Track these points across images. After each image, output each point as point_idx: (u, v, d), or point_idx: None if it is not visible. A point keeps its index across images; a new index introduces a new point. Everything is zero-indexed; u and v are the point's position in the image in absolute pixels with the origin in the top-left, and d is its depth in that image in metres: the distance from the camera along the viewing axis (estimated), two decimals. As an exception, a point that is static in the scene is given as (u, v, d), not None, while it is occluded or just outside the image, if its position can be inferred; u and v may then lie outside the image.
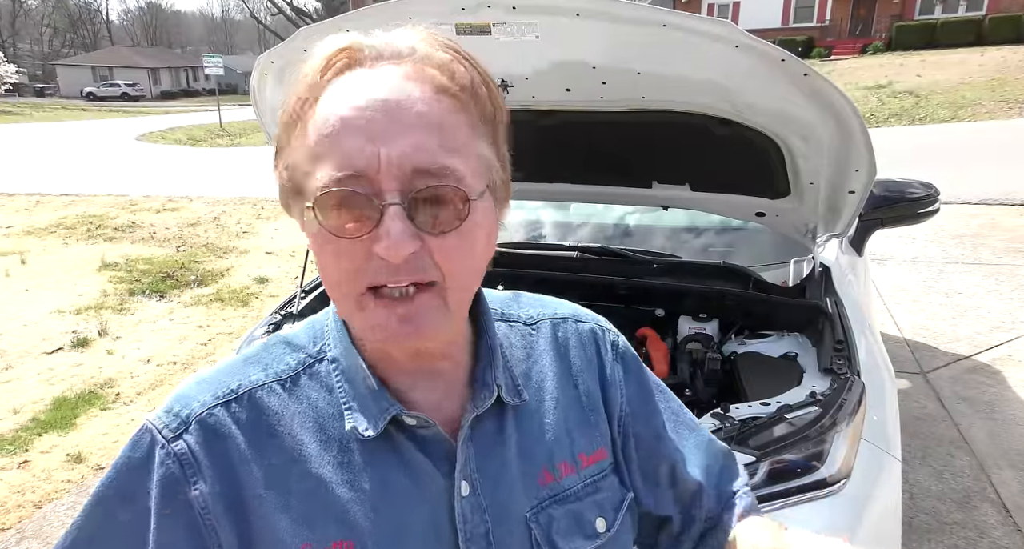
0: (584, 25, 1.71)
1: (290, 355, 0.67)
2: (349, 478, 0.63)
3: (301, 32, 2.14)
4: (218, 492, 0.60)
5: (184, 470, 0.61)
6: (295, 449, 0.63)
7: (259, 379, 0.65)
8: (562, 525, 0.69)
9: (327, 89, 0.58)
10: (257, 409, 0.64)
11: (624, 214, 3.22)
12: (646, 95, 1.92)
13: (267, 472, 0.62)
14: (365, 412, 0.64)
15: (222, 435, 0.62)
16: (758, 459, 1.60)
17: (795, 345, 2.19)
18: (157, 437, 0.62)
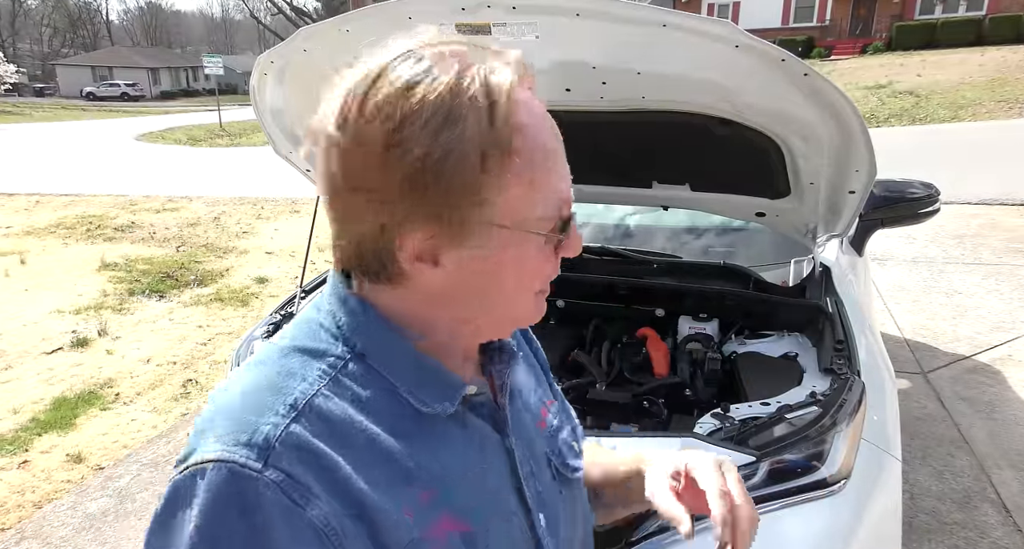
0: (584, 25, 1.71)
1: (317, 361, 0.66)
2: (427, 454, 0.66)
3: (301, 32, 2.14)
4: (333, 506, 0.58)
5: (292, 497, 0.57)
6: (373, 443, 0.63)
7: (307, 388, 0.63)
8: (564, 451, 0.83)
9: (516, 112, 0.61)
10: (322, 416, 0.62)
11: (624, 214, 3.22)
12: (646, 95, 1.92)
13: (360, 472, 0.61)
14: (433, 394, 0.68)
15: (308, 450, 0.59)
16: (758, 459, 1.60)
17: (795, 345, 2.19)
18: (245, 473, 0.57)
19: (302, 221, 8.83)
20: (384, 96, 0.59)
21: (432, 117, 0.58)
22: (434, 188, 0.59)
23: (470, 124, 0.59)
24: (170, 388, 4.25)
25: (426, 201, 0.60)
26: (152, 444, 3.61)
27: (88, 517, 3.01)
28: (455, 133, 0.58)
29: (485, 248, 0.63)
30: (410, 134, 0.58)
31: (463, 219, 0.61)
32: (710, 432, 1.73)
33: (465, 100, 0.59)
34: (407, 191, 0.59)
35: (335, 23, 2.02)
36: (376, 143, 0.59)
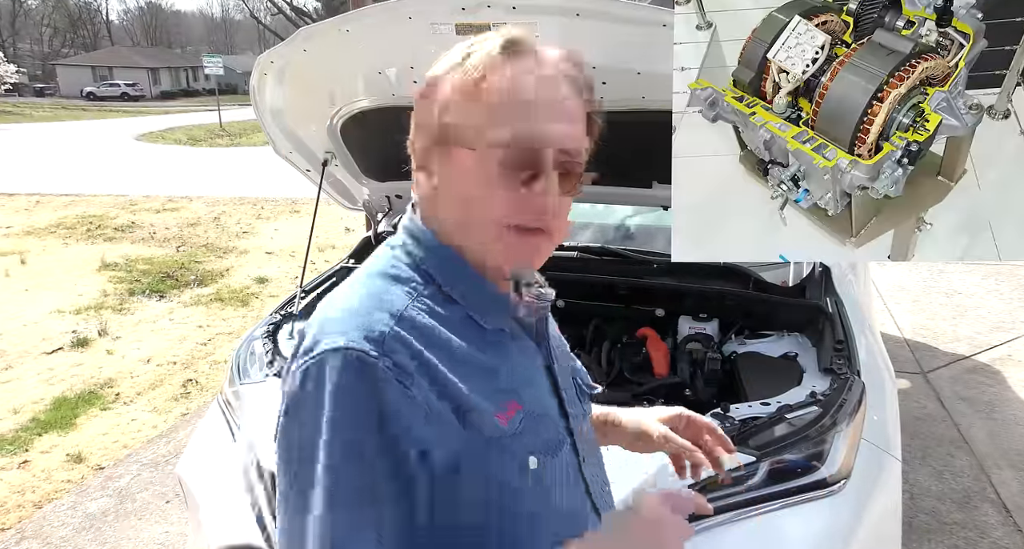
0: (584, 25, 1.71)
1: (404, 285, 0.82)
2: (493, 360, 0.83)
3: (301, 32, 2.14)
4: (428, 389, 0.75)
5: (400, 379, 0.74)
6: (452, 347, 0.80)
7: (402, 302, 0.80)
8: (580, 372, 1.04)
9: (500, 68, 0.77)
10: (415, 324, 0.78)
11: (624, 214, 3.22)
12: (646, 95, 1.92)
13: (447, 366, 0.78)
14: (495, 312, 0.85)
15: (410, 347, 0.76)
16: (758, 459, 1.60)
17: (795, 345, 2.19)
18: (368, 358, 0.73)
19: (302, 221, 8.83)
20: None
21: (450, 70, 0.80)
22: (426, 105, 0.81)
23: (459, 73, 0.79)
24: (170, 388, 4.25)
25: (421, 114, 0.82)
26: (152, 444, 3.61)
27: (88, 517, 3.01)
28: (443, 72, 0.81)
29: (450, 159, 0.79)
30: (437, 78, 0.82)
31: (435, 132, 0.80)
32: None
33: (464, 60, 0.79)
34: (418, 108, 0.83)
35: (335, 23, 2.02)
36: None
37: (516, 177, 0.76)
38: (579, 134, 0.80)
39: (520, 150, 0.76)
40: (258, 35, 69.38)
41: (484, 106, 0.77)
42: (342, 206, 3.07)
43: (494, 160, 0.76)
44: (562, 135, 0.77)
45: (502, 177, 0.76)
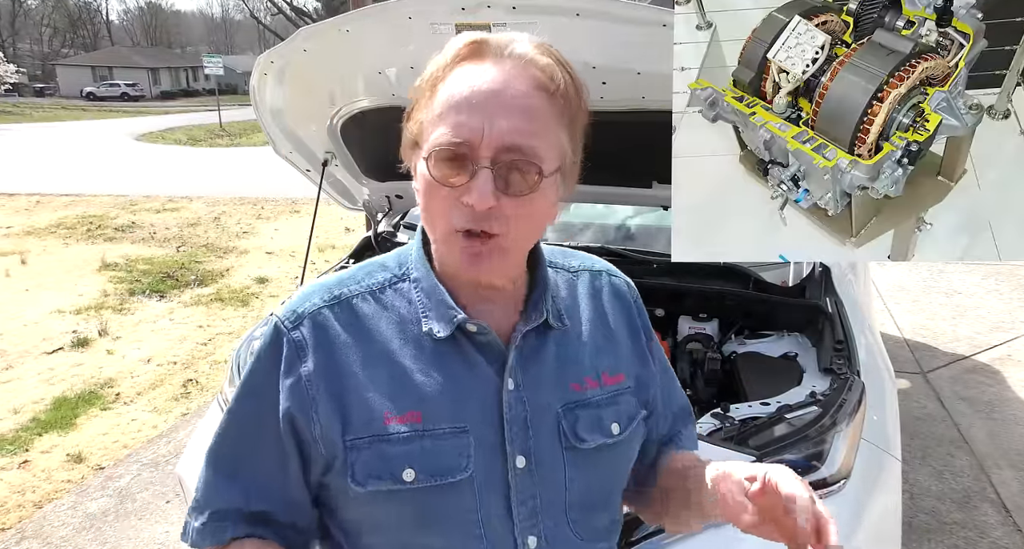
0: (584, 25, 1.71)
1: (380, 273, 0.88)
2: (422, 368, 0.82)
3: (301, 32, 2.14)
4: (320, 370, 0.81)
5: (298, 352, 0.82)
6: (381, 343, 0.83)
7: (355, 289, 0.86)
8: (584, 423, 0.87)
9: (456, 70, 0.77)
10: (353, 312, 0.84)
11: (624, 214, 3.22)
12: (646, 95, 1.92)
13: (359, 358, 0.82)
14: (439, 318, 0.82)
15: (325, 328, 0.83)
16: (758, 459, 1.60)
17: (795, 345, 2.19)
18: (281, 328, 0.84)
19: (302, 221, 8.83)
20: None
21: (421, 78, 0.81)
22: (406, 120, 0.82)
23: (419, 80, 0.81)
24: (170, 388, 4.25)
25: (408, 125, 0.82)
26: (152, 444, 3.61)
27: (88, 517, 3.01)
28: (419, 82, 0.81)
29: (414, 164, 0.80)
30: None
31: (405, 135, 0.82)
32: (710, 432, 1.73)
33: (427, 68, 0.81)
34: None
35: (335, 23, 2.02)
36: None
37: (450, 179, 0.75)
38: (528, 130, 0.74)
39: (447, 149, 0.74)
40: (258, 35, 69.37)
41: (435, 109, 0.76)
42: (342, 206, 3.07)
43: (433, 162, 0.75)
44: (502, 128, 0.73)
45: (441, 179, 0.75)
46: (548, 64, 0.77)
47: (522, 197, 0.75)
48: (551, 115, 0.76)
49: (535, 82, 0.75)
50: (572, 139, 0.80)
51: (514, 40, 0.78)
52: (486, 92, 0.74)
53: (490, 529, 0.82)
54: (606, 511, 0.91)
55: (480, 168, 0.73)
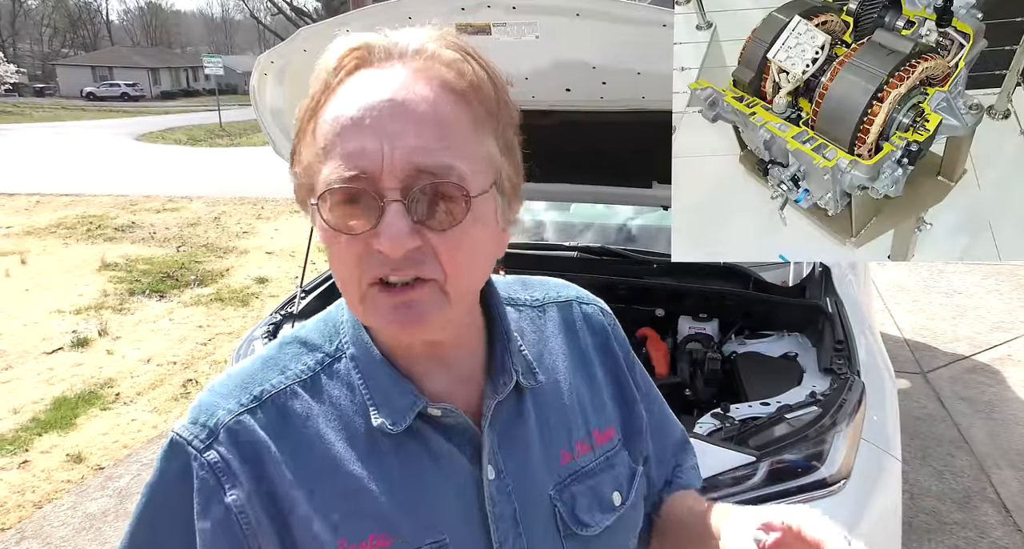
0: (584, 25, 1.71)
1: (307, 355, 0.69)
2: (378, 472, 0.65)
3: (301, 32, 2.14)
4: (253, 496, 0.62)
5: (218, 478, 0.63)
6: (323, 448, 0.65)
7: (280, 382, 0.67)
8: (583, 501, 0.73)
9: (338, 89, 0.60)
10: (281, 413, 0.65)
11: (624, 214, 3.22)
12: (646, 95, 1.92)
13: (297, 473, 0.64)
14: (391, 408, 0.65)
15: (251, 441, 0.64)
16: (758, 459, 1.60)
17: (795, 345, 2.19)
18: (188, 449, 0.64)
19: (302, 221, 8.78)
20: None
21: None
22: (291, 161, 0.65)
23: (302, 106, 0.63)
24: (170, 388, 4.25)
25: (294, 169, 0.64)
26: (152, 444, 3.61)
27: (88, 517, 3.01)
28: (299, 110, 0.64)
29: (311, 218, 0.62)
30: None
31: (297, 184, 0.64)
32: (710, 432, 1.73)
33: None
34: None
35: (335, 23, 2.02)
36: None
37: (352, 222, 0.58)
38: (440, 145, 0.58)
39: (345, 188, 0.57)
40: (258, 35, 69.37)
41: (313, 144, 0.60)
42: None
43: (327, 207, 0.58)
44: (407, 147, 0.56)
45: (341, 226, 0.58)
46: (454, 58, 0.61)
47: (450, 229, 0.58)
48: (468, 121, 0.60)
49: (440, 82, 0.60)
50: (503, 146, 0.64)
51: (409, 36, 0.62)
52: (379, 106, 0.57)
53: None
54: None
55: (388, 203, 0.56)
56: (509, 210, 0.66)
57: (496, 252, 0.66)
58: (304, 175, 0.62)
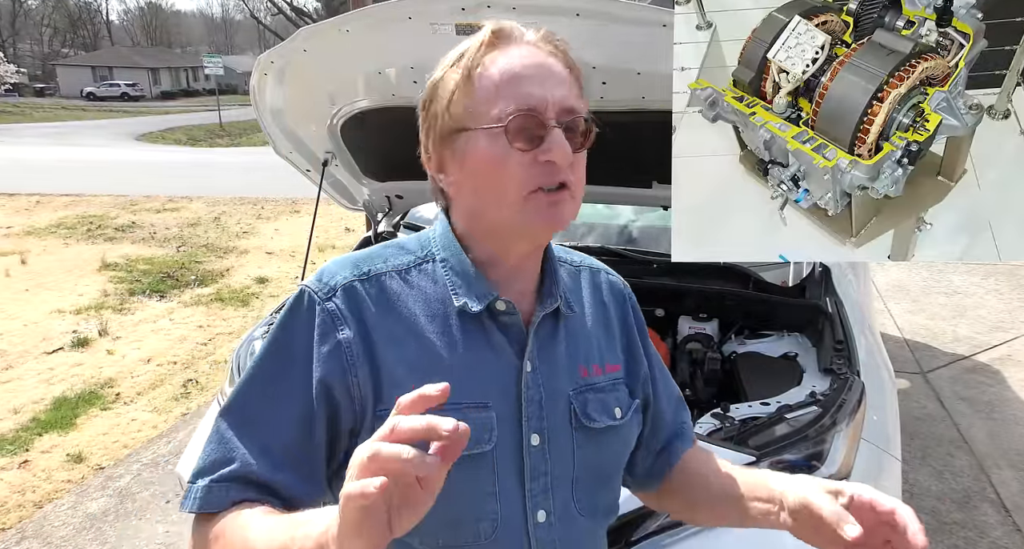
0: (584, 25, 1.71)
1: (403, 255, 0.90)
2: (449, 345, 0.85)
3: (301, 32, 2.14)
4: (357, 337, 0.83)
5: (334, 321, 0.84)
6: (410, 319, 0.86)
7: (382, 267, 0.89)
8: (592, 405, 0.92)
9: (489, 56, 0.83)
10: (382, 288, 0.87)
11: (624, 214, 3.22)
12: (646, 95, 1.92)
13: (390, 331, 0.85)
14: (470, 293, 0.86)
15: (359, 301, 0.85)
16: (758, 459, 1.60)
17: (795, 345, 2.19)
18: (314, 297, 0.85)
19: (302, 221, 8.83)
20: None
21: (447, 69, 0.86)
22: (431, 108, 0.86)
23: (455, 69, 0.84)
24: (170, 388, 4.25)
25: (427, 119, 0.87)
26: (152, 444, 3.61)
27: (88, 517, 3.01)
28: (441, 74, 0.86)
29: (461, 149, 0.83)
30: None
31: (442, 127, 0.85)
32: (710, 432, 1.73)
33: (459, 58, 0.85)
34: (423, 115, 0.88)
35: (335, 23, 2.02)
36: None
37: (526, 143, 0.80)
38: (573, 95, 0.84)
39: (522, 116, 0.80)
40: (258, 35, 69.36)
41: (483, 89, 0.82)
42: (342, 206, 3.07)
43: (502, 134, 0.80)
44: (558, 95, 0.81)
45: (513, 147, 0.80)
46: (556, 45, 0.86)
47: (582, 150, 0.83)
48: (576, 84, 0.86)
49: (561, 60, 0.85)
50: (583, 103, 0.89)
51: (524, 29, 0.87)
52: (535, 66, 0.82)
53: (504, 501, 0.85)
54: (607, 491, 0.97)
55: (552, 128, 0.80)
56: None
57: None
58: (457, 118, 0.83)
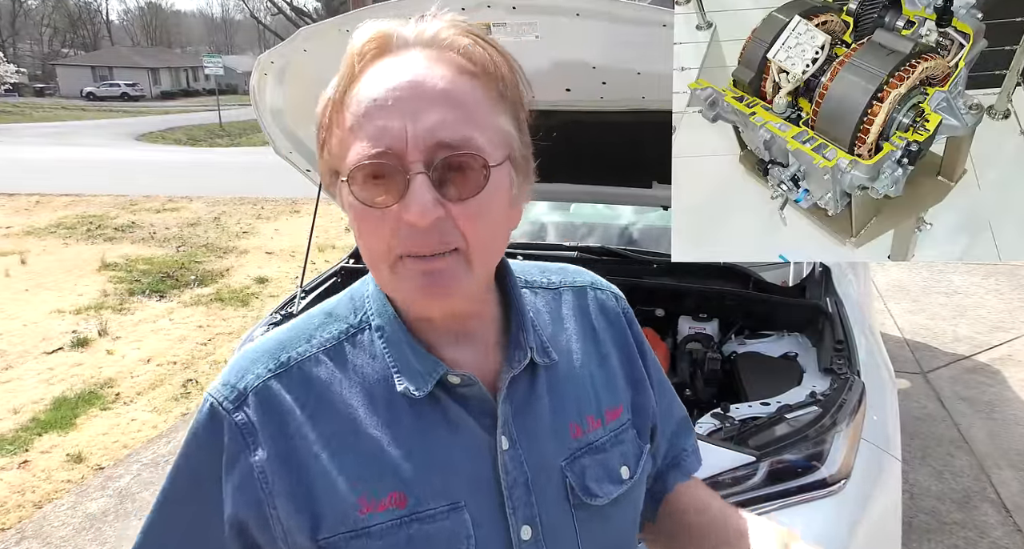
0: (584, 25, 1.71)
1: (332, 325, 0.73)
2: (398, 437, 0.68)
3: (301, 32, 2.14)
4: (274, 457, 0.67)
5: (245, 439, 0.67)
6: (346, 413, 0.69)
7: (305, 350, 0.71)
8: (593, 473, 0.76)
9: (361, 76, 0.65)
10: (307, 379, 0.70)
11: (624, 215, 3.22)
12: (646, 95, 1.92)
13: (321, 436, 0.68)
14: (413, 374, 0.69)
15: (276, 405, 0.68)
16: (758, 459, 1.60)
17: (795, 345, 2.19)
18: (220, 411, 0.69)
19: (302, 221, 8.83)
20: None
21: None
22: (318, 134, 0.69)
23: (328, 93, 0.68)
24: (170, 388, 4.25)
25: (322, 154, 0.70)
26: (152, 444, 3.61)
27: (88, 517, 3.01)
28: (324, 97, 0.69)
29: (340, 197, 0.67)
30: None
31: (322, 166, 0.70)
32: (710, 432, 1.73)
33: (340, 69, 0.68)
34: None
35: (335, 23, 2.02)
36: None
37: (385, 195, 0.62)
38: (458, 120, 0.62)
39: (373, 164, 0.61)
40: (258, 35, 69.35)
41: (341, 127, 0.65)
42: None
43: (357, 184, 0.63)
44: (427, 125, 0.61)
45: (370, 201, 0.62)
46: (468, 44, 0.66)
47: (471, 199, 0.63)
48: (483, 99, 0.65)
49: (456, 66, 0.64)
50: (516, 124, 0.68)
51: (425, 25, 0.66)
52: (400, 87, 0.62)
53: None
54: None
55: (413, 176, 0.61)
56: (522, 186, 0.70)
57: (511, 225, 0.70)
58: (332, 160, 0.67)
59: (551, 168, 2.58)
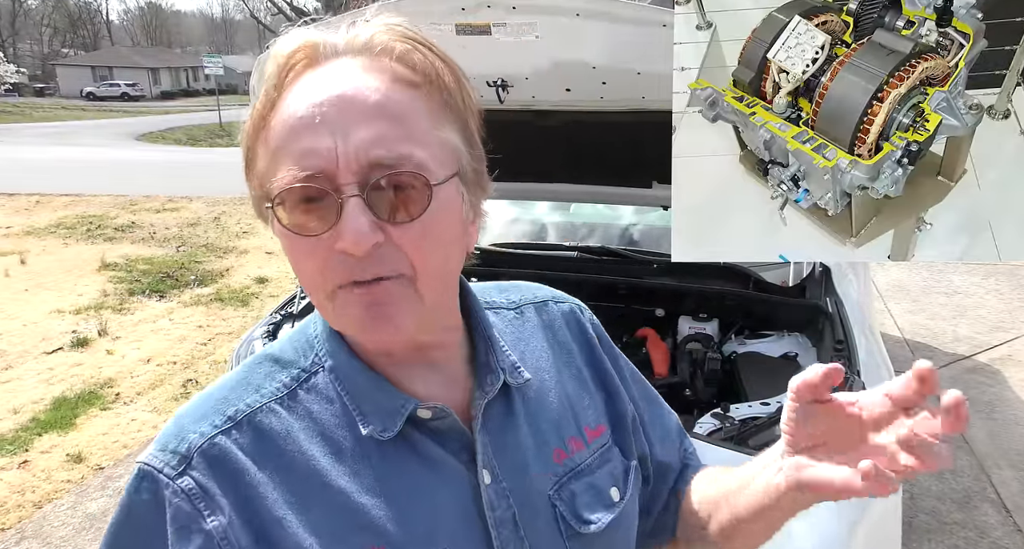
0: (584, 25, 1.71)
1: (281, 372, 0.66)
2: (369, 484, 0.62)
3: (301, 32, 2.14)
4: (235, 522, 0.58)
5: (195, 505, 0.58)
6: (307, 465, 0.61)
7: (255, 401, 0.64)
8: (584, 498, 0.70)
9: (286, 92, 0.59)
10: (259, 432, 0.62)
11: (624, 214, 3.22)
12: (646, 95, 1.92)
13: (282, 493, 0.60)
14: (379, 413, 0.63)
15: (228, 463, 0.60)
16: (758, 459, 1.60)
17: (795, 345, 2.19)
18: (159, 477, 0.60)
19: (302, 221, 8.82)
20: None
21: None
22: (245, 154, 0.62)
23: (251, 114, 0.61)
24: (170, 388, 4.25)
25: (249, 180, 0.63)
26: (152, 444, 3.61)
27: (88, 517, 3.01)
28: (246, 116, 0.62)
29: (270, 225, 0.61)
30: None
31: (251, 190, 0.62)
32: (710, 432, 1.73)
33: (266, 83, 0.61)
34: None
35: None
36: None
37: (315, 224, 0.56)
38: (396, 135, 0.56)
39: (301, 188, 0.55)
40: (258, 35, 69.33)
41: (266, 149, 0.59)
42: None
43: (285, 211, 0.57)
44: (358, 142, 0.55)
45: (301, 229, 0.57)
46: (406, 50, 0.59)
47: (415, 221, 0.56)
48: (423, 109, 0.58)
49: (392, 74, 0.58)
50: (465, 135, 0.62)
51: (357, 30, 0.60)
52: (328, 102, 0.56)
53: None
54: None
55: (346, 199, 0.55)
56: (475, 201, 0.64)
57: (466, 245, 0.64)
58: (260, 184, 0.60)
59: (551, 168, 2.59)
